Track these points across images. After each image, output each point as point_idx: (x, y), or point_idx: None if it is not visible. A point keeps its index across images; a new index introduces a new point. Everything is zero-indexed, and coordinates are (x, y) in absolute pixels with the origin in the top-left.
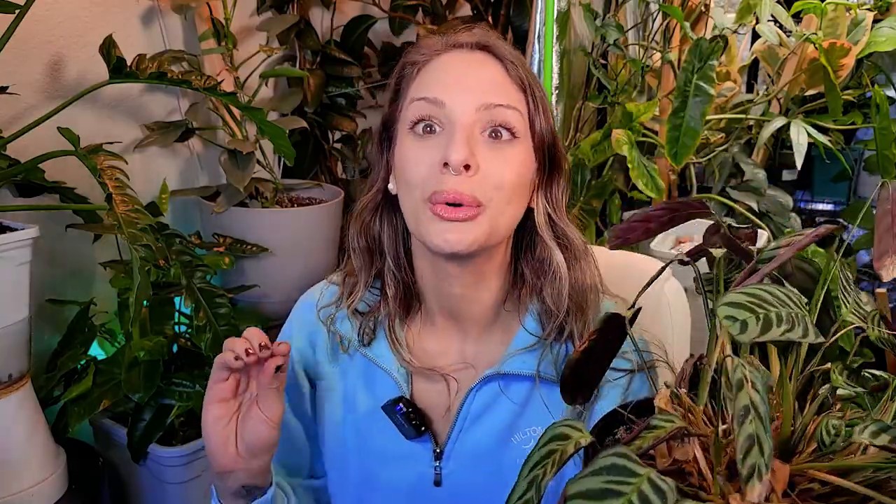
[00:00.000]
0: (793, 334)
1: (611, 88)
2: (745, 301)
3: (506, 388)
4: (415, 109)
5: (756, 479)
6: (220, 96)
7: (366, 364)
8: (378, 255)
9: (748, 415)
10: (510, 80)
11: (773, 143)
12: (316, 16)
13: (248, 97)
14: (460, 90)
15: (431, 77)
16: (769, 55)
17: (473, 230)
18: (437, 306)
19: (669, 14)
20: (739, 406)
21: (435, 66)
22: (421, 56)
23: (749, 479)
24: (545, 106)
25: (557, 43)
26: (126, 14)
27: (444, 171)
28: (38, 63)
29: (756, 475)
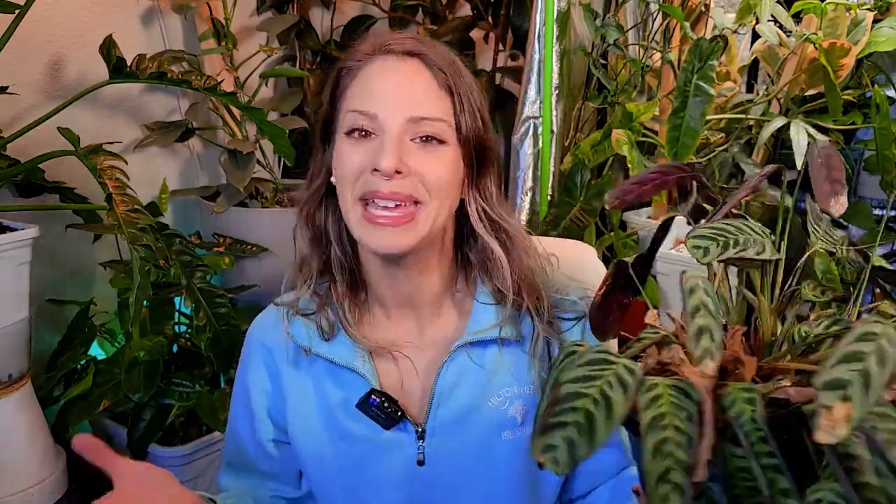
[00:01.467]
0: (747, 252)
1: (611, 88)
2: (708, 233)
3: (475, 357)
4: (350, 119)
5: (708, 359)
6: (220, 96)
7: (328, 366)
8: (325, 244)
9: (698, 311)
10: (438, 87)
11: (774, 143)
12: (316, 16)
13: (248, 97)
14: (391, 103)
15: (365, 87)
16: (769, 55)
17: (409, 233)
18: (389, 296)
19: (669, 14)
20: (691, 305)
21: (368, 74)
22: (355, 62)
23: (702, 359)
24: (473, 106)
25: (557, 43)
26: (126, 14)
27: (374, 175)
28: (38, 63)
29: (708, 356)
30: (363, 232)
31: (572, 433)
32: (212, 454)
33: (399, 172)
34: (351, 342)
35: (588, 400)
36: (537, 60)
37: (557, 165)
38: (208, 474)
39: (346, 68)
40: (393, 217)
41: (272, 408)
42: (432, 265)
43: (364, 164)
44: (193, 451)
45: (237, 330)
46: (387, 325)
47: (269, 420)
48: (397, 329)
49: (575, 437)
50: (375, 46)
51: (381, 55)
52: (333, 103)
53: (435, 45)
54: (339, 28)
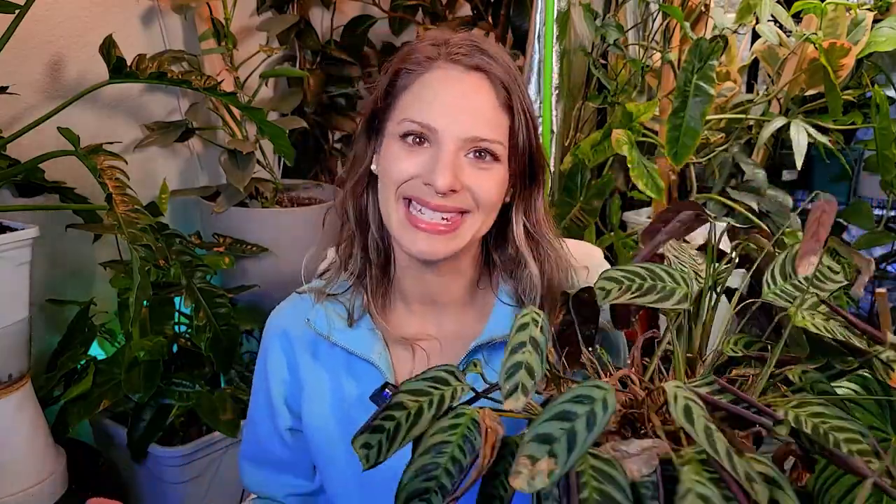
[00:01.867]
0: (645, 299)
1: (611, 88)
2: (619, 275)
3: (489, 358)
4: (407, 126)
5: (519, 393)
6: (220, 96)
7: (345, 357)
8: (365, 224)
9: (522, 347)
10: (499, 105)
11: (773, 143)
12: (316, 16)
13: (248, 97)
14: (451, 120)
15: (425, 96)
16: (769, 55)
17: (451, 241)
18: (414, 292)
19: (669, 14)
20: (515, 341)
21: (429, 81)
22: (417, 66)
23: (510, 394)
24: (529, 123)
25: (557, 43)
26: (126, 14)
27: (426, 186)
28: (38, 63)
29: (520, 391)
30: (403, 234)
31: (381, 437)
32: (212, 454)
33: (453, 191)
34: (370, 331)
35: (404, 414)
36: (537, 60)
37: (557, 165)
38: (208, 474)
39: (406, 69)
40: (436, 224)
41: (289, 396)
42: (462, 268)
43: (416, 173)
44: (193, 451)
45: (237, 330)
46: (407, 318)
47: (285, 408)
48: (417, 323)
49: (383, 441)
50: (440, 52)
51: (444, 62)
52: (388, 100)
53: (499, 57)
54: (339, 28)
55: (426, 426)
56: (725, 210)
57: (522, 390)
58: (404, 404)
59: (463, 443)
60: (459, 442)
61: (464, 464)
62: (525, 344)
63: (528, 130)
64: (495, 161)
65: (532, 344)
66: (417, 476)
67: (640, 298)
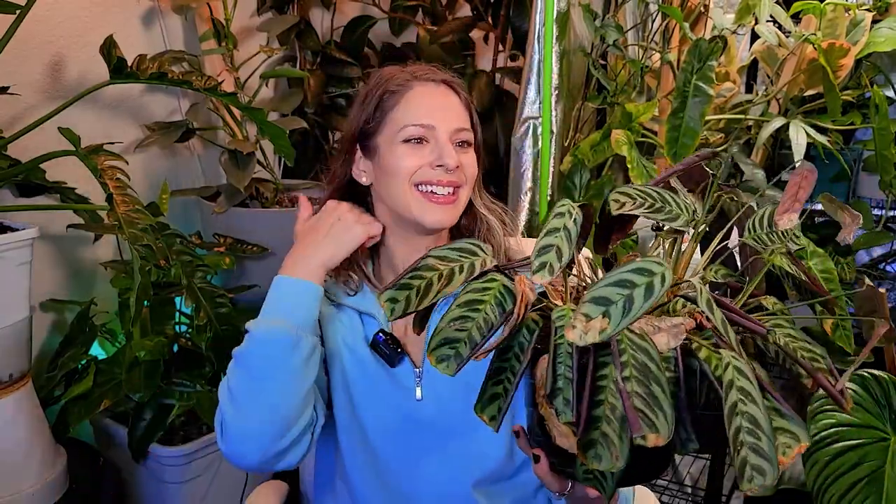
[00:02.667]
0: (656, 216)
1: (610, 89)
2: (633, 192)
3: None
4: (411, 131)
5: (545, 272)
6: (221, 97)
7: (353, 314)
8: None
9: (556, 231)
10: (462, 106)
11: (773, 143)
12: (316, 16)
13: (249, 97)
14: (442, 117)
15: (418, 106)
16: (768, 55)
17: (455, 209)
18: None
19: (669, 15)
20: (551, 225)
21: (415, 95)
22: (397, 87)
23: (538, 271)
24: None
25: (557, 43)
26: (126, 14)
27: (435, 168)
28: (39, 63)
29: (546, 270)
30: (423, 211)
31: (410, 293)
32: (212, 454)
33: (457, 167)
34: (370, 293)
35: (435, 274)
36: (537, 61)
37: (557, 165)
38: (208, 474)
39: (389, 91)
40: (446, 197)
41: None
42: (444, 234)
43: (423, 163)
44: (194, 451)
45: (237, 330)
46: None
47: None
48: None
49: (412, 296)
50: (413, 75)
51: (420, 82)
52: (377, 117)
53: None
54: (339, 29)
55: (457, 287)
56: None
57: (549, 269)
58: (433, 266)
59: (495, 303)
60: (492, 302)
61: (494, 322)
62: (559, 230)
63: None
64: (470, 147)
65: (565, 231)
66: (451, 324)
67: (652, 215)
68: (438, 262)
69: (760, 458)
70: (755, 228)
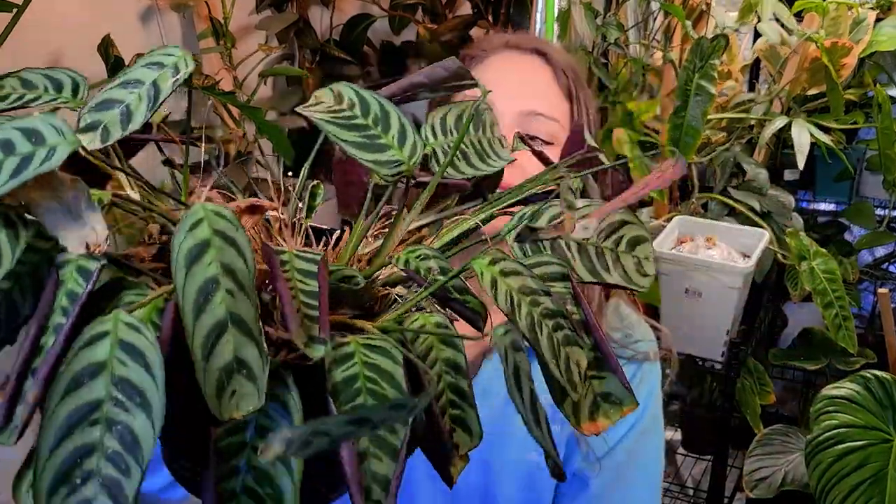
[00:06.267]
0: (338, 132)
1: (612, 87)
2: (345, 91)
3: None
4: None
5: (96, 135)
6: (219, 95)
7: None
8: None
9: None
10: (558, 88)
11: (775, 142)
12: (315, 14)
13: (247, 96)
14: (507, 94)
15: (482, 76)
16: (771, 54)
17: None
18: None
19: (671, 13)
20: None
21: (487, 65)
22: (479, 52)
23: (87, 130)
24: (589, 118)
25: (558, 42)
26: (124, 13)
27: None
28: (36, 62)
29: (99, 133)
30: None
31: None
32: None
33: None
34: None
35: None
36: None
37: None
38: None
39: (469, 56)
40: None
41: None
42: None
43: None
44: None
45: None
46: None
47: None
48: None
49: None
50: (502, 42)
51: (506, 50)
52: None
53: (562, 51)
54: (339, 27)
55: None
56: (727, 210)
57: (102, 134)
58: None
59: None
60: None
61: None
62: (141, 84)
63: (589, 125)
64: (549, 146)
65: (152, 88)
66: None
67: (329, 125)
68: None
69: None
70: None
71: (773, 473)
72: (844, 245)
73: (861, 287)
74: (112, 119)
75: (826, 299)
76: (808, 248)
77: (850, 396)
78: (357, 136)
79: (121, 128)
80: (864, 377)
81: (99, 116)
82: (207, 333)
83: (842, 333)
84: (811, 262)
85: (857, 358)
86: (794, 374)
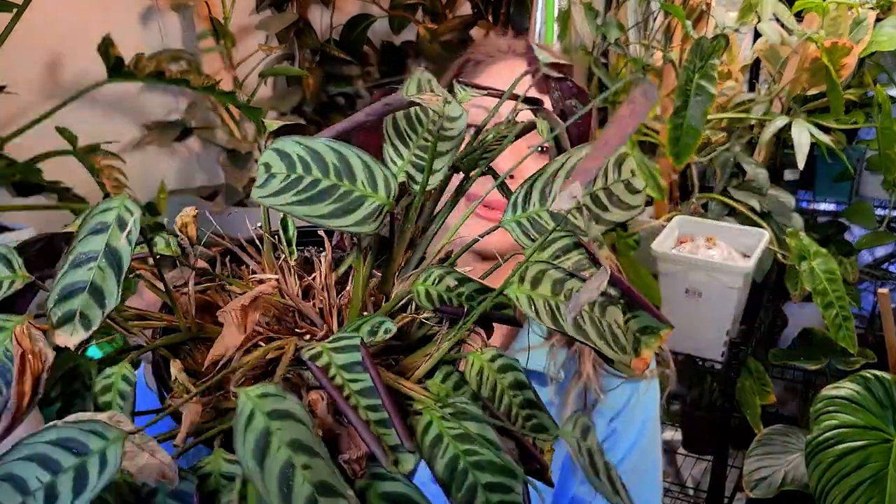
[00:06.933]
0: (304, 210)
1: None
2: (295, 152)
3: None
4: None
5: (77, 326)
6: (219, 95)
7: None
8: None
9: (90, 262)
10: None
11: (775, 142)
12: (315, 14)
13: (247, 96)
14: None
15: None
16: (771, 54)
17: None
18: None
19: (671, 13)
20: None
21: (497, 70)
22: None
23: (63, 324)
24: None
25: (558, 42)
26: (124, 13)
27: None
28: (36, 62)
29: (78, 322)
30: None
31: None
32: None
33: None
34: None
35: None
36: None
37: None
38: None
39: (474, 60)
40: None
41: None
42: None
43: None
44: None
45: None
46: None
47: None
48: None
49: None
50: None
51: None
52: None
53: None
54: (339, 27)
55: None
56: (727, 210)
57: (83, 322)
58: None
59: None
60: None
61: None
62: (95, 257)
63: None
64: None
65: (109, 257)
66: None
67: (298, 207)
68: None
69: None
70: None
71: (773, 473)
72: (844, 245)
73: (861, 287)
74: (84, 303)
75: (826, 299)
76: (808, 248)
77: (850, 396)
78: (331, 204)
79: (99, 308)
80: (864, 377)
81: (68, 306)
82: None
83: (842, 333)
84: (811, 262)
85: (857, 358)
86: (794, 374)
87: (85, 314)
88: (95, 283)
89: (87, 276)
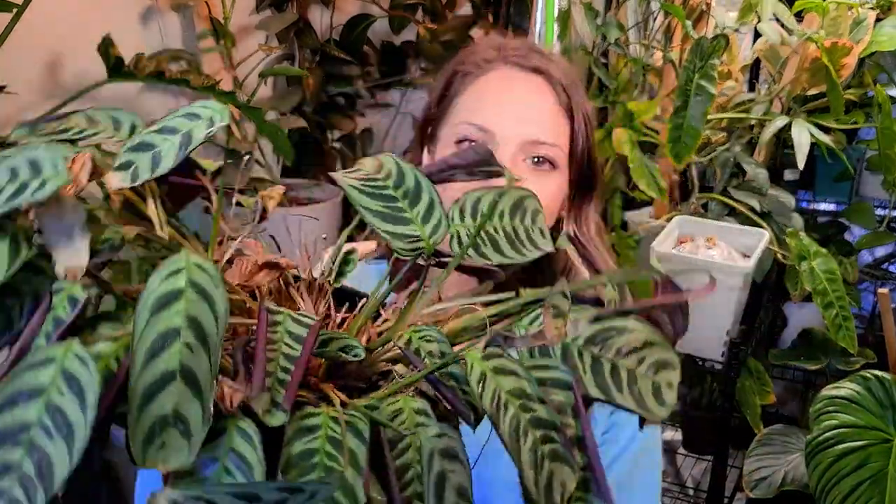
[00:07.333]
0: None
1: (612, 87)
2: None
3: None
4: (463, 130)
5: (127, 175)
6: (219, 95)
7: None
8: None
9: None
10: (559, 109)
11: (775, 142)
12: (315, 14)
13: (247, 96)
14: (510, 122)
15: (483, 98)
16: (771, 54)
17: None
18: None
19: (671, 13)
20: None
21: (486, 83)
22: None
23: (121, 168)
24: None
25: (558, 42)
26: (124, 13)
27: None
28: (36, 62)
29: (130, 172)
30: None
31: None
32: None
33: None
34: None
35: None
36: None
37: None
38: None
39: (463, 72)
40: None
41: None
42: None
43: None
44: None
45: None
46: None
47: None
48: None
49: None
50: (498, 55)
51: (501, 64)
52: (441, 105)
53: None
54: (339, 27)
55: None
56: (727, 210)
57: (133, 174)
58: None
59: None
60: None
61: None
62: (177, 132)
63: (588, 136)
64: (554, 169)
65: (183, 137)
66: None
67: (355, 192)
68: None
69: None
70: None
71: (773, 473)
72: (844, 245)
73: (861, 287)
74: (144, 161)
75: (826, 299)
76: (808, 248)
77: (850, 396)
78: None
79: (150, 171)
80: (864, 377)
81: (132, 157)
82: (153, 382)
83: (842, 333)
84: (811, 262)
85: (857, 358)
86: (794, 374)
87: (138, 170)
88: (161, 151)
89: (158, 143)
